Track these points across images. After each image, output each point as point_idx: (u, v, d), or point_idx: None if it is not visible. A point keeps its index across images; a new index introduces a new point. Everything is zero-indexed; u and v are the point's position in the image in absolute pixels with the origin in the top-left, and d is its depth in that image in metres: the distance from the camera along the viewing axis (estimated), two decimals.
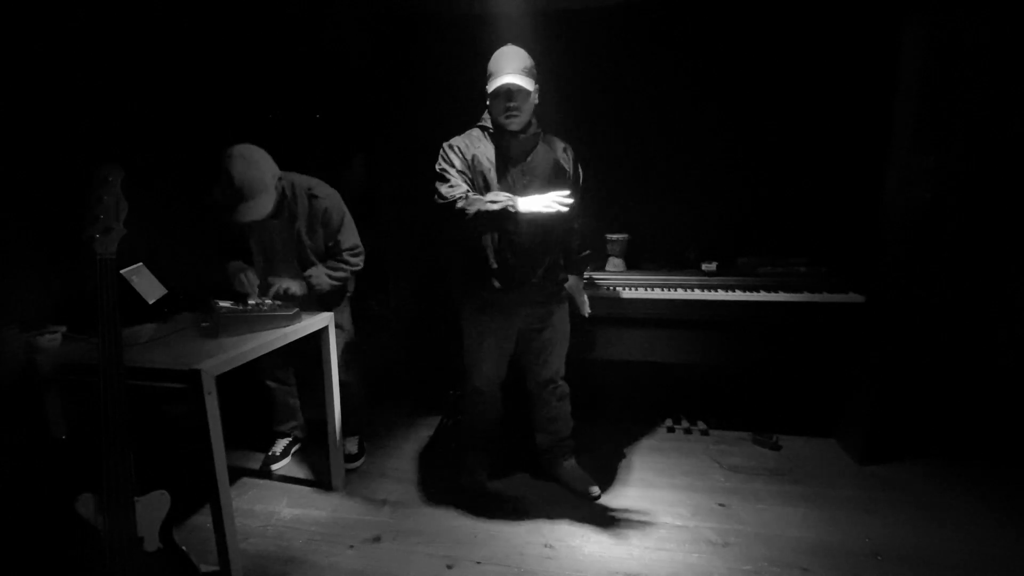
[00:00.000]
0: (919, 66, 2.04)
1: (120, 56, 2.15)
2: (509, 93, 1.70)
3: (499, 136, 1.80)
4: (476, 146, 1.81)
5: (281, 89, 2.74)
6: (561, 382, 2.05)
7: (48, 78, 1.89)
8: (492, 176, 1.78)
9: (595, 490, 2.01)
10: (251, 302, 1.80)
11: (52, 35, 1.88)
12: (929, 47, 2.01)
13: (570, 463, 2.11)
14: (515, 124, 1.75)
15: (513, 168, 1.80)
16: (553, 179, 1.82)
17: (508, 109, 1.72)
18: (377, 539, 1.82)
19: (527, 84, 1.69)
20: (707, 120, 2.53)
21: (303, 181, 2.01)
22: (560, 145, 1.88)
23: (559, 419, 2.07)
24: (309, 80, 2.77)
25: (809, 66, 2.37)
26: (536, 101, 1.78)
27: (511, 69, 1.69)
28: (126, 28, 2.17)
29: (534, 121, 1.82)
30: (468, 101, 1.94)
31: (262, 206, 1.80)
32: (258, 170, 1.80)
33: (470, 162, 1.80)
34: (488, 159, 1.79)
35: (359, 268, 2.12)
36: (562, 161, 1.85)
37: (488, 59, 1.76)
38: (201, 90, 2.55)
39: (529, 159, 1.81)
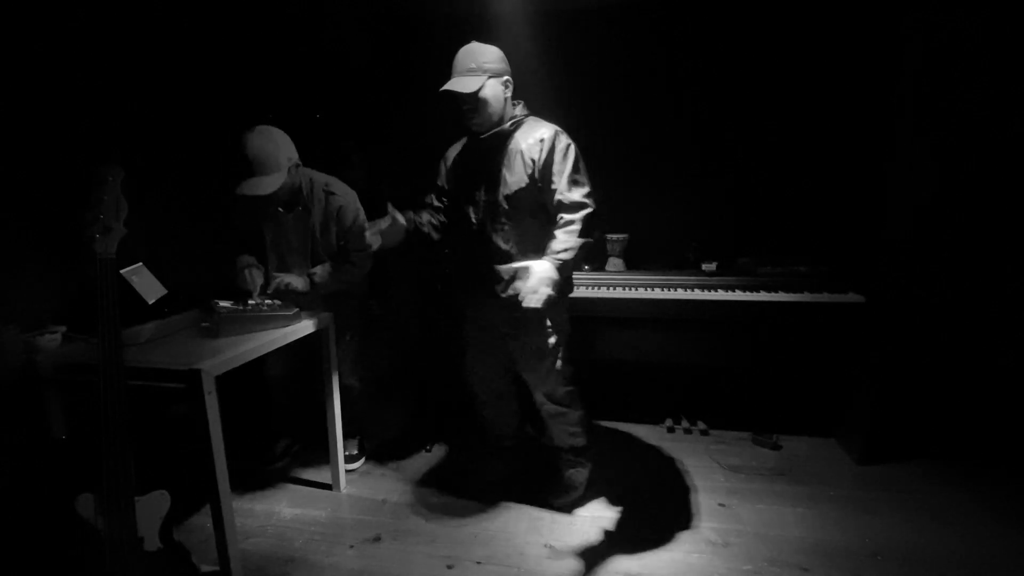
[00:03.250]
0: (919, 66, 2.04)
1: (120, 56, 2.15)
2: (460, 96, 1.65)
3: (472, 136, 1.80)
4: (460, 148, 1.87)
5: (281, 89, 2.74)
6: (545, 400, 1.88)
7: (48, 78, 1.88)
8: (458, 178, 1.85)
9: (559, 503, 1.94)
10: (251, 302, 1.80)
11: (52, 35, 1.88)
12: (929, 47, 2.01)
13: (565, 473, 2.00)
14: (475, 125, 1.72)
15: (482, 167, 1.76)
16: (522, 174, 1.69)
17: (464, 112, 1.70)
18: (377, 539, 1.82)
19: (463, 86, 1.62)
20: (707, 120, 2.53)
21: (321, 178, 2.02)
22: (539, 133, 1.69)
23: (550, 429, 1.97)
24: (309, 80, 2.77)
25: (810, 66, 2.37)
26: (504, 95, 1.69)
27: (455, 73, 1.67)
28: (126, 28, 2.16)
29: (517, 113, 1.74)
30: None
31: (269, 184, 1.79)
32: (274, 147, 1.81)
33: (447, 169, 1.90)
34: (461, 159, 1.84)
35: (366, 270, 2.12)
36: (527, 153, 1.68)
37: None
38: (201, 90, 2.55)
39: (503, 155, 1.72)
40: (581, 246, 1.60)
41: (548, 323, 1.80)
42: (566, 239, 1.60)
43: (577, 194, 1.64)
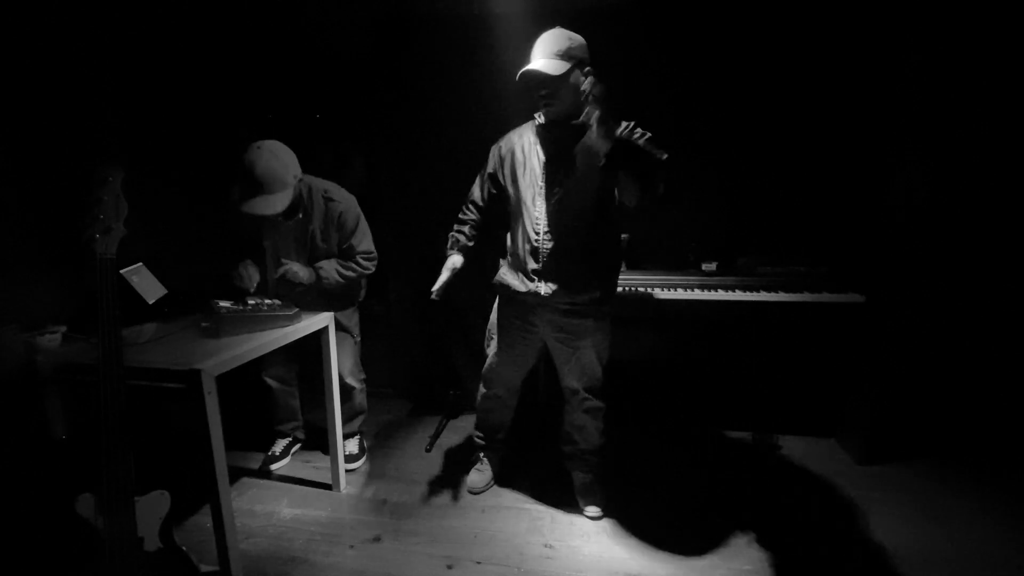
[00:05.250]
0: (919, 66, 2.04)
1: (121, 57, 2.15)
2: (537, 81, 1.56)
3: (543, 127, 1.72)
4: (521, 139, 1.76)
5: (281, 89, 2.74)
6: (589, 396, 1.89)
7: (49, 78, 1.89)
8: (520, 173, 1.73)
9: (593, 511, 1.92)
10: (251, 302, 1.80)
11: (53, 35, 1.89)
12: (929, 48, 2.01)
13: (586, 477, 1.99)
14: (550, 113, 1.64)
15: (552, 163, 1.68)
16: (594, 171, 1.59)
17: (540, 97, 1.61)
18: (377, 539, 1.82)
19: (552, 68, 1.52)
20: (707, 120, 2.53)
21: (319, 184, 2.01)
22: (613, 129, 1.54)
23: (583, 430, 1.95)
24: (309, 80, 2.77)
25: (810, 65, 2.37)
26: (585, 86, 1.52)
27: (538, 54, 1.57)
28: (127, 29, 2.17)
29: (589, 107, 1.57)
30: (469, 101, 1.94)
31: (277, 202, 1.80)
32: (282, 166, 1.81)
33: (503, 159, 1.79)
34: (524, 152, 1.73)
35: (370, 272, 2.13)
36: (600, 149, 1.54)
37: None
38: (201, 90, 2.55)
39: (575, 151, 1.64)
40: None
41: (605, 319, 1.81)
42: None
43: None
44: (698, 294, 2.31)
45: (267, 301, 1.83)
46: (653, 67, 2.51)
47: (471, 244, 1.91)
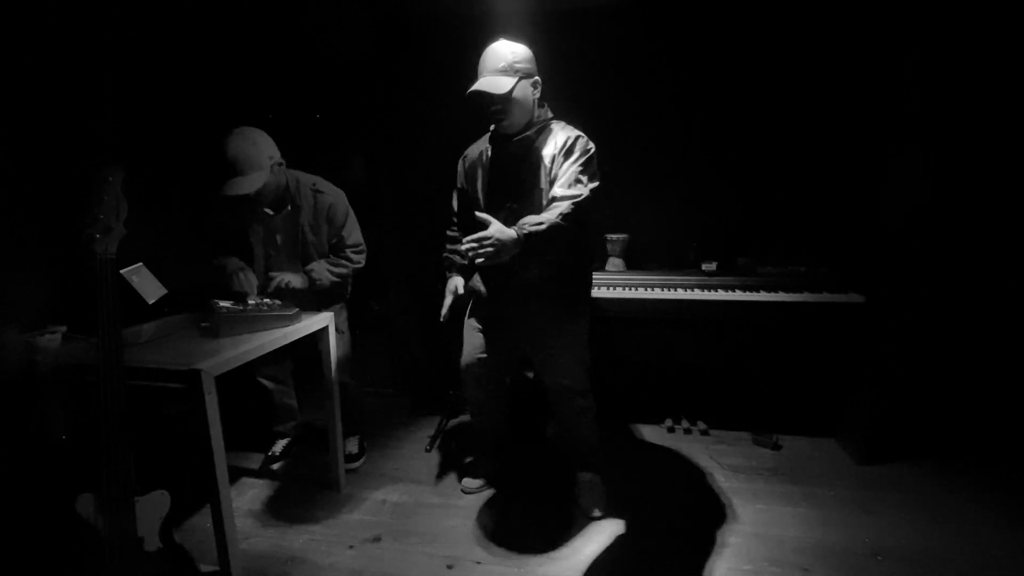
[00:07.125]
0: (919, 66, 2.04)
1: (121, 57, 2.15)
2: (486, 99, 1.58)
3: (495, 139, 1.73)
4: (480, 151, 1.78)
5: (281, 90, 2.74)
6: (575, 395, 1.85)
7: (49, 78, 1.89)
8: (479, 186, 1.75)
9: (594, 511, 1.90)
10: (251, 302, 1.80)
11: (53, 35, 1.89)
12: (930, 48, 2.01)
13: (585, 477, 1.98)
14: (504, 127, 1.64)
15: (508, 172, 1.70)
16: (540, 180, 1.65)
17: (492, 113, 1.62)
18: (377, 539, 1.82)
19: (498, 86, 1.54)
20: (707, 120, 2.53)
21: (308, 178, 2.02)
22: (562, 138, 1.63)
23: (572, 432, 1.94)
24: (309, 81, 2.77)
25: (810, 65, 2.37)
26: (534, 95, 1.64)
27: (485, 71, 1.59)
28: (126, 29, 2.17)
29: (543, 116, 1.68)
30: (469, 101, 1.93)
31: (251, 183, 1.79)
32: (254, 148, 1.81)
33: (467, 172, 1.81)
34: (483, 165, 1.75)
35: (361, 266, 2.13)
36: (548, 158, 1.63)
37: None
38: (201, 90, 2.55)
39: (526, 162, 1.67)
40: (553, 225, 1.47)
41: (581, 317, 1.80)
42: (542, 216, 1.51)
43: (574, 190, 1.56)
44: (698, 294, 2.31)
45: (267, 301, 1.83)
46: (653, 67, 2.52)
47: (466, 263, 1.86)
